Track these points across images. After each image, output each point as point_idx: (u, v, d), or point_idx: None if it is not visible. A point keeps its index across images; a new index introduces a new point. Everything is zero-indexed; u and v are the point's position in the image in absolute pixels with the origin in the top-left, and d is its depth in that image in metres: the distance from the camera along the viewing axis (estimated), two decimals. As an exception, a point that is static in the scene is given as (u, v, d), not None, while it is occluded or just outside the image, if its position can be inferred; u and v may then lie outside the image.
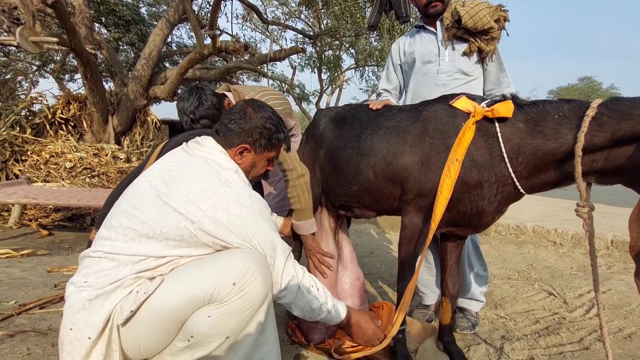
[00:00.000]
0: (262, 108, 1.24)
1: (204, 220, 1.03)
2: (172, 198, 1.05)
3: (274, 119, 1.24)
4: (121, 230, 1.06)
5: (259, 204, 1.13)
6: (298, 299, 1.16)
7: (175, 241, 1.04)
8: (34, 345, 1.51)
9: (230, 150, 1.20)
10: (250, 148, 1.21)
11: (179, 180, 1.08)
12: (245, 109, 1.22)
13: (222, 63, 7.57)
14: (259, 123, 1.20)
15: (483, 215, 1.29)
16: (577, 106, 1.10)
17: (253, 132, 1.20)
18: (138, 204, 1.08)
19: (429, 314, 1.92)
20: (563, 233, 3.36)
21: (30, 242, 3.04)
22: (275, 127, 1.23)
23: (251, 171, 1.25)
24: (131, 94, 5.01)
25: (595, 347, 1.66)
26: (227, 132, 1.20)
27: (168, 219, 1.03)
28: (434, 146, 1.30)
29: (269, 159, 1.27)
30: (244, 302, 1.03)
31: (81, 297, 1.03)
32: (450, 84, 1.77)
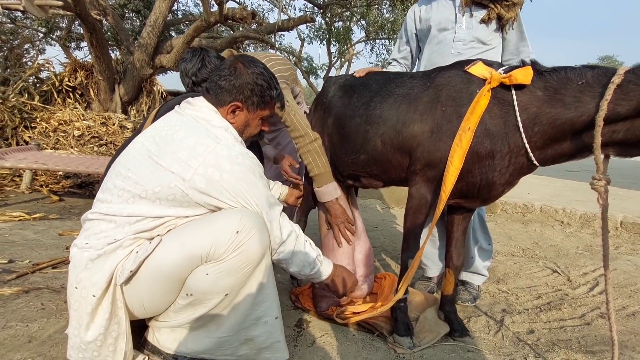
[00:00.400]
0: (252, 63, 1.18)
1: (195, 178, 1.03)
2: (162, 157, 1.05)
3: (266, 75, 1.18)
4: (116, 192, 1.08)
5: (251, 161, 1.11)
6: (296, 253, 1.18)
7: (167, 201, 1.05)
8: (47, 301, 1.57)
9: (221, 109, 1.17)
10: (242, 106, 1.17)
11: (169, 139, 1.08)
12: (235, 65, 1.17)
13: (228, 32, 7.38)
14: (250, 79, 1.15)
15: (493, 187, 1.26)
16: (601, 73, 1.04)
17: (244, 89, 1.15)
18: (131, 165, 1.08)
19: (431, 286, 1.94)
20: (571, 213, 3.32)
21: (42, 207, 3.10)
22: (267, 84, 1.18)
23: (245, 130, 1.22)
24: (137, 63, 4.94)
25: (596, 323, 1.67)
26: (218, 90, 1.16)
27: (159, 179, 1.04)
28: (445, 114, 1.25)
29: (262, 118, 1.23)
30: (241, 259, 1.05)
31: (83, 257, 1.05)
32: (466, 53, 1.69)
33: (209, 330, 1.11)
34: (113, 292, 1.05)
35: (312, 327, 1.52)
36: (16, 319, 1.42)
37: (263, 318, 1.13)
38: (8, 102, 4.05)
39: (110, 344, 1.07)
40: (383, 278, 1.86)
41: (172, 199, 1.05)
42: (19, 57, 5.45)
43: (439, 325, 1.53)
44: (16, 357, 1.19)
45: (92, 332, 1.05)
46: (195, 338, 1.12)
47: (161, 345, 1.17)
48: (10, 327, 1.36)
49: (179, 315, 1.11)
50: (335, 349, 1.38)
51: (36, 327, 1.37)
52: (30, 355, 1.20)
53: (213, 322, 1.10)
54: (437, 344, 1.45)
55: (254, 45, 9.29)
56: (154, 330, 1.19)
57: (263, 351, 1.15)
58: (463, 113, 1.20)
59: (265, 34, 5.80)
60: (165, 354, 1.17)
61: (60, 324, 1.40)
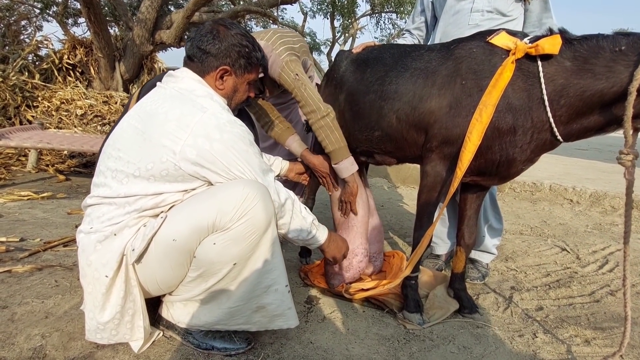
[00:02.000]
0: (233, 25, 1.15)
1: (185, 149, 1.02)
2: (150, 133, 1.04)
3: (249, 36, 1.16)
4: (110, 174, 1.07)
5: (240, 129, 1.09)
6: (294, 217, 1.19)
7: (162, 177, 1.04)
8: (61, 278, 1.59)
9: (208, 76, 1.14)
10: (230, 70, 1.14)
11: (153, 114, 1.06)
12: (216, 28, 1.12)
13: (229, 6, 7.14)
14: (235, 41, 1.12)
15: (513, 164, 1.22)
16: (637, 39, 0.98)
17: (231, 51, 1.12)
18: (120, 145, 1.07)
19: (440, 264, 1.95)
20: (581, 191, 3.28)
21: (49, 186, 3.11)
22: (252, 45, 1.16)
23: (234, 97, 1.21)
24: (137, 39, 4.82)
25: (606, 301, 1.67)
26: (203, 56, 1.12)
27: (150, 155, 1.03)
28: (465, 88, 1.20)
29: (249, 82, 1.21)
30: (247, 227, 1.05)
31: (91, 241, 1.06)
32: (483, 25, 1.60)
33: (220, 301, 1.12)
34: (125, 271, 1.06)
35: (322, 304, 1.54)
36: (32, 295, 1.44)
37: (273, 286, 1.14)
38: (9, 81, 3.99)
39: (127, 322, 1.09)
40: (392, 256, 1.86)
41: (166, 174, 1.04)
42: (17, 34, 5.33)
43: (449, 302, 1.54)
44: (34, 332, 1.21)
45: (109, 311, 1.06)
46: (207, 310, 1.14)
47: (175, 319, 1.19)
48: (27, 304, 1.38)
49: (191, 288, 1.12)
50: (346, 325, 1.39)
51: (52, 304, 1.40)
52: (47, 331, 1.23)
53: (223, 293, 1.12)
54: (446, 320, 1.46)
55: (256, 20, 9.02)
56: (168, 305, 1.20)
57: (275, 318, 1.17)
58: (484, 86, 1.14)
59: (267, 7, 5.60)
60: (180, 328, 1.19)
61: (75, 300, 1.42)
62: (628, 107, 0.94)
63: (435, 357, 1.24)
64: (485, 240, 1.86)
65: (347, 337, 1.32)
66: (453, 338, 1.35)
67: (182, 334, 1.19)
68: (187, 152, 1.02)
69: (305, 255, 1.93)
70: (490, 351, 1.29)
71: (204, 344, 1.17)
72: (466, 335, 1.37)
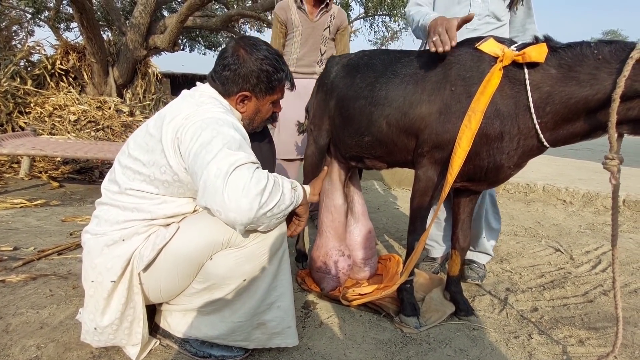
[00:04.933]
0: (255, 47, 1.12)
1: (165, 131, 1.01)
2: (154, 133, 1.04)
3: (270, 57, 1.13)
4: (120, 169, 1.09)
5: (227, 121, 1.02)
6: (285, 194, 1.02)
7: (164, 180, 1.04)
8: (56, 288, 1.58)
9: (229, 99, 1.14)
10: (251, 95, 1.14)
11: (163, 116, 1.06)
12: (237, 52, 1.11)
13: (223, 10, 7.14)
14: (255, 66, 1.11)
15: (501, 170, 1.24)
16: (619, 48, 1.00)
17: (250, 77, 1.11)
18: (132, 144, 1.09)
19: (435, 267, 1.96)
20: (574, 192, 3.32)
21: (43, 194, 3.09)
22: (273, 68, 1.13)
23: (256, 118, 1.21)
24: (130, 44, 4.81)
25: (599, 301, 1.69)
26: (223, 80, 1.13)
27: (154, 152, 1.03)
28: (455, 94, 1.21)
29: (273, 102, 1.21)
30: (262, 246, 1.06)
31: (98, 244, 1.06)
32: (480, 29, 1.61)
33: (223, 315, 1.12)
34: (130, 278, 1.06)
35: (319, 309, 1.54)
36: (26, 305, 1.43)
37: (276, 303, 1.14)
38: (0, 87, 3.96)
39: (125, 328, 1.09)
40: (388, 259, 1.87)
41: (163, 172, 1.03)
42: (8, 40, 5.29)
43: (445, 304, 1.55)
44: (29, 343, 1.20)
45: (109, 316, 1.06)
46: (208, 322, 1.14)
47: (172, 329, 1.19)
48: (21, 314, 1.37)
49: (194, 299, 1.12)
50: (343, 330, 1.40)
51: (47, 314, 1.39)
52: (43, 341, 1.22)
53: (227, 307, 1.11)
54: (443, 323, 1.47)
55: (250, 24, 9.02)
56: (165, 314, 1.20)
57: (274, 337, 1.17)
58: (473, 93, 1.16)
59: (261, 11, 5.62)
60: (177, 338, 1.18)
61: (70, 310, 1.41)
62: (612, 114, 0.97)
63: (431, 360, 1.25)
64: (484, 242, 1.87)
65: (345, 342, 1.32)
66: (449, 341, 1.36)
67: (179, 342, 1.19)
68: (165, 133, 1.00)
69: (302, 260, 1.93)
70: (486, 353, 1.30)
71: (201, 352, 1.17)
72: (462, 338, 1.39)
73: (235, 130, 1.01)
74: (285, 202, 0.98)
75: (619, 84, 0.95)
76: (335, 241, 1.67)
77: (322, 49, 2.36)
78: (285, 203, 0.98)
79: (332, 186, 1.72)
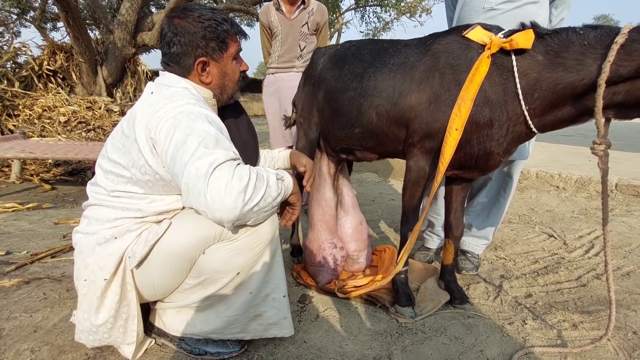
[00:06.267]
0: (187, 10, 1.06)
1: (137, 127, 0.98)
2: (129, 130, 1.01)
3: (206, 13, 1.06)
4: (102, 173, 1.08)
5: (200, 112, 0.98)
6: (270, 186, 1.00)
7: (147, 180, 1.03)
8: (49, 291, 1.57)
9: (190, 75, 1.08)
10: (208, 59, 1.07)
11: (134, 114, 1.03)
12: (172, 23, 1.04)
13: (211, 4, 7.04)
14: (196, 28, 1.03)
15: (491, 156, 1.24)
16: (604, 33, 1.00)
17: (197, 41, 1.03)
18: (110, 146, 1.07)
19: (430, 255, 1.97)
20: (567, 177, 3.34)
21: (35, 197, 3.06)
22: (214, 21, 1.05)
23: (226, 83, 1.13)
24: (118, 42, 4.73)
25: (592, 285, 1.71)
26: (175, 59, 1.06)
27: (131, 153, 1.01)
28: (444, 83, 1.21)
29: (234, 57, 1.12)
30: (253, 238, 1.05)
31: (90, 243, 1.05)
32: (500, 8, 1.52)
33: (217, 309, 1.12)
34: (122, 276, 1.05)
35: (315, 302, 1.55)
36: (20, 309, 1.42)
37: (272, 295, 1.15)
38: (-13, 90, 3.89)
39: (120, 326, 1.09)
40: (383, 251, 1.88)
41: (144, 172, 1.01)
42: (-6, 42, 5.18)
43: (440, 294, 1.56)
44: (23, 347, 1.20)
45: (103, 314, 1.06)
46: (203, 318, 1.14)
47: (167, 327, 1.18)
48: (15, 318, 1.36)
49: (187, 296, 1.11)
50: (339, 322, 1.41)
51: (40, 317, 1.38)
52: (37, 345, 1.21)
53: (222, 302, 1.11)
54: (438, 312, 1.48)
55: (240, 17, 8.91)
56: (160, 313, 1.20)
57: (271, 327, 1.17)
58: (462, 81, 1.15)
59: (250, 4, 5.55)
60: (172, 336, 1.18)
61: (64, 313, 1.41)
62: (598, 99, 0.96)
63: (427, 349, 1.26)
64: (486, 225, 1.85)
65: (341, 335, 1.33)
66: (445, 329, 1.37)
67: (174, 340, 1.18)
68: (137, 128, 0.97)
69: (297, 254, 1.93)
70: (481, 340, 1.31)
71: (196, 350, 1.17)
72: (457, 326, 1.40)
73: (209, 123, 0.97)
74: (271, 194, 0.97)
75: (604, 69, 0.95)
76: (328, 234, 1.68)
77: (302, 44, 2.47)
78: (271, 195, 0.97)
79: (322, 180, 1.71)
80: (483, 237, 1.90)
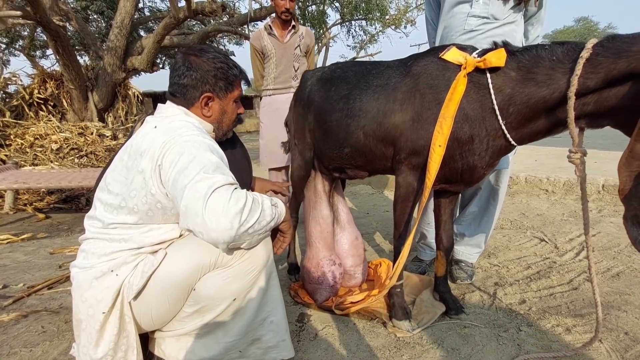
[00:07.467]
0: (203, 51, 1.17)
1: (144, 160, 1.01)
2: (131, 165, 1.05)
3: (221, 57, 1.17)
4: (101, 206, 1.10)
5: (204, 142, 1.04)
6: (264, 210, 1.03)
7: (148, 209, 1.05)
8: (47, 324, 1.57)
9: (193, 107, 1.15)
10: (213, 95, 1.15)
11: (135, 146, 1.07)
12: (188, 59, 1.14)
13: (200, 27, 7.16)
14: (209, 66, 1.14)
15: (475, 170, 1.29)
16: (571, 48, 1.06)
17: (207, 77, 1.13)
18: (110, 178, 1.10)
19: (423, 266, 2.00)
20: (555, 181, 3.42)
21: (29, 227, 3.04)
22: (226, 65, 1.16)
23: (223, 120, 1.21)
24: (108, 67, 4.79)
25: (583, 287, 1.75)
26: (183, 90, 1.14)
27: (133, 183, 1.04)
28: (425, 102, 1.26)
29: (235, 101, 1.22)
30: (248, 264, 1.08)
31: (87, 277, 1.07)
32: (480, 29, 1.62)
33: (216, 336, 1.13)
34: (121, 308, 1.06)
35: (313, 321, 1.56)
36: (19, 344, 1.42)
37: (269, 318, 1.16)
38: (-22, 122, 3.90)
39: (120, 358, 1.09)
40: (379, 264, 1.90)
41: (145, 202, 1.04)
42: (-17, 72, 5.21)
43: (435, 305, 1.59)
44: (23, 385, 1.19)
45: (102, 348, 1.06)
46: (202, 345, 1.14)
47: (167, 355, 1.19)
48: (15, 354, 1.36)
49: (186, 324, 1.13)
50: (338, 340, 1.42)
51: (40, 351, 1.38)
52: (36, 381, 1.21)
53: (220, 328, 1.12)
54: (434, 324, 1.50)
55: (228, 37, 9.06)
56: (159, 342, 1.20)
57: (270, 350, 1.18)
58: (442, 100, 1.21)
59: (237, 25, 5.66)
60: (172, 364, 1.18)
61: (64, 346, 1.41)
62: (570, 110, 1.02)
63: (425, 362, 1.28)
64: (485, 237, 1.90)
65: (340, 353, 1.34)
66: (442, 341, 1.40)
67: (174, 368, 1.19)
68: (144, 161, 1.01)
69: (294, 272, 1.95)
70: (478, 350, 1.34)
71: (196, 377, 1.17)
72: (454, 337, 1.42)
73: (212, 152, 1.03)
74: (265, 218, 1.01)
75: (572, 82, 1.01)
76: (326, 251, 1.70)
77: (296, 65, 2.62)
78: (266, 219, 1.01)
79: (318, 197, 1.75)
80: (476, 245, 1.93)
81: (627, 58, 0.94)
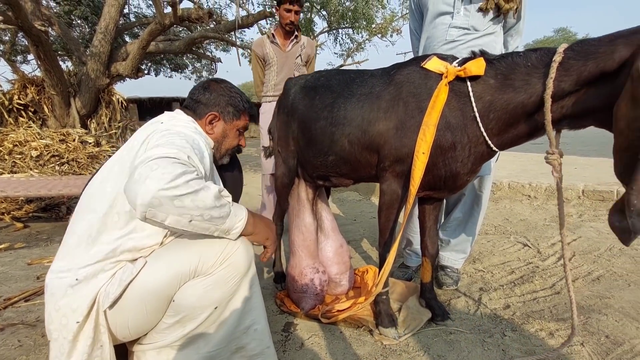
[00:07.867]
0: (223, 81, 1.30)
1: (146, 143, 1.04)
2: (123, 161, 1.06)
3: (237, 89, 1.29)
4: (87, 212, 1.08)
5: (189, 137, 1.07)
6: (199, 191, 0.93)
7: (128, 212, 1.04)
8: (24, 337, 1.51)
9: (200, 122, 1.23)
10: (219, 116, 1.24)
11: (130, 144, 1.10)
12: (208, 83, 1.28)
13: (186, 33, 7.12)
14: (223, 92, 1.26)
15: (457, 177, 1.31)
16: (544, 54, 1.10)
17: (220, 100, 1.24)
18: (101, 177, 1.10)
19: (409, 273, 2.01)
20: (537, 186, 3.50)
21: (6, 237, 2.93)
22: (239, 96, 1.28)
23: (224, 142, 1.28)
24: (91, 73, 4.70)
25: (565, 292, 1.78)
26: (195, 105, 1.24)
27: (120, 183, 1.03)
28: (408, 110, 1.28)
29: (239, 130, 1.29)
30: (229, 271, 1.06)
31: (62, 284, 1.03)
32: (460, 40, 1.67)
33: (197, 346, 1.10)
34: (95, 317, 1.03)
35: (299, 330, 1.54)
36: (-10, 361, 1.36)
37: (253, 326, 1.15)
38: (-47, 128, 3.76)
39: None
40: (365, 271, 1.90)
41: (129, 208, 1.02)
42: (-40, 77, 5.04)
43: (421, 312, 1.59)
44: (-7, 404, 1.14)
45: (75, 359, 1.02)
46: (184, 356, 1.11)
47: (147, 370, 1.15)
48: (-15, 372, 1.30)
49: (167, 335, 1.09)
50: (324, 349, 1.41)
51: (13, 368, 1.32)
52: (8, 400, 1.15)
53: (202, 338, 1.10)
54: (421, 331, 1.50)
55: (215, 44, 9.04)
56: (139, 355, 1.16)
57: (255, 358, 1.17)
58: (424, 108, 1.23)
59: (224, 32, 5.64)
60: (152, 378, 1.15)
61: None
62: (547, 113, 1.06)
63: (411, 370, 1.27)
64: (470, 244, 1.92)
65: (325, 362, 1.33)
66: (428, 348, 1.40)
67: (155, 382, 1.15)
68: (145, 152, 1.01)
69: (281, 281, 1.93)
70: (463, 356, 1.34)
71: (178, 389, 1.14)
72: (440, 344, 1.42)
73: (192, 148, 1.01)
74: (205, 201, 0.91)
75: (548, 85, 1.04)
76: (309, 259, 1.69)
77: (296, 74, 2.67)
78: (205, 203, 0.91)
79: (301, 206, 1.74)
80: (461, 251, 1.96)
81: (595, 59, 0.98)
